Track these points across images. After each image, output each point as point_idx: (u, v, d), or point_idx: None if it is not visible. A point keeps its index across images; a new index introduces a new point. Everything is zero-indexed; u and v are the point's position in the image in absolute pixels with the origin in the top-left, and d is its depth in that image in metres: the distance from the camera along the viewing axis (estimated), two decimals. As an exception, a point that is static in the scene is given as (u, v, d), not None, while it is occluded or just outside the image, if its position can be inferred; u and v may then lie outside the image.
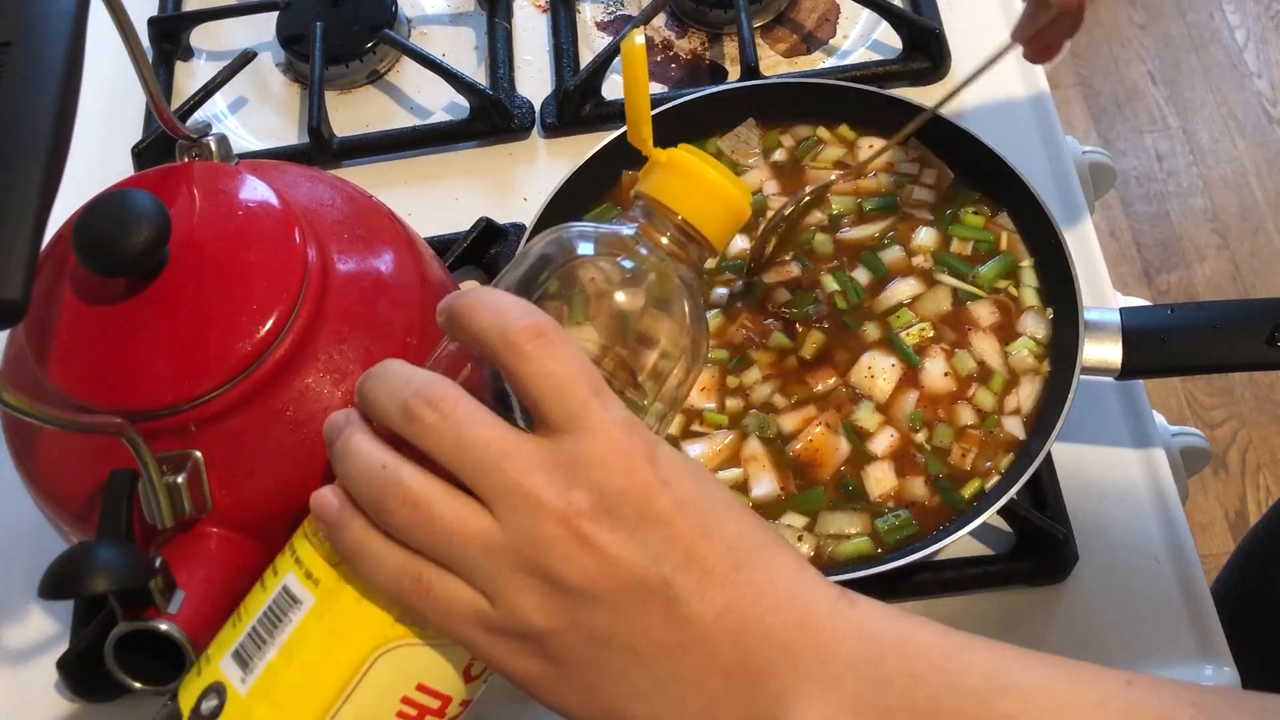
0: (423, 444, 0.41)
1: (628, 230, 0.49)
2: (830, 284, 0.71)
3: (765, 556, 0.42)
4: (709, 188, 0.48)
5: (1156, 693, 0.39)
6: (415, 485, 0.41)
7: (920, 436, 0.67)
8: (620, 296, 0.47)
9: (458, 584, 0.41)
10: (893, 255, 0.73)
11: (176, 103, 0.92)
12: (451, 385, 0.42)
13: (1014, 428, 0.67)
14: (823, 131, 0.78)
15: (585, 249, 0.48)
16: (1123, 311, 0.67)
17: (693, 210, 0.48)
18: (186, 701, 0.45)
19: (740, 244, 0.74)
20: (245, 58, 0.87)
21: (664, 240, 0.49)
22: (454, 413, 0.41)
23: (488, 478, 0.41)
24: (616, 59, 0.87)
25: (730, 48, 0.91)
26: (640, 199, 0.49)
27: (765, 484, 0.66)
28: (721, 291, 0.73)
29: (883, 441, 0.67)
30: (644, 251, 0.48)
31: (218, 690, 0.44)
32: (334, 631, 0.43)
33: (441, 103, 0.92)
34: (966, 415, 0.68)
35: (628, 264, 0.48)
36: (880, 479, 0.66)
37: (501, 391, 0.44)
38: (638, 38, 0.47)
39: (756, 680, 0.40)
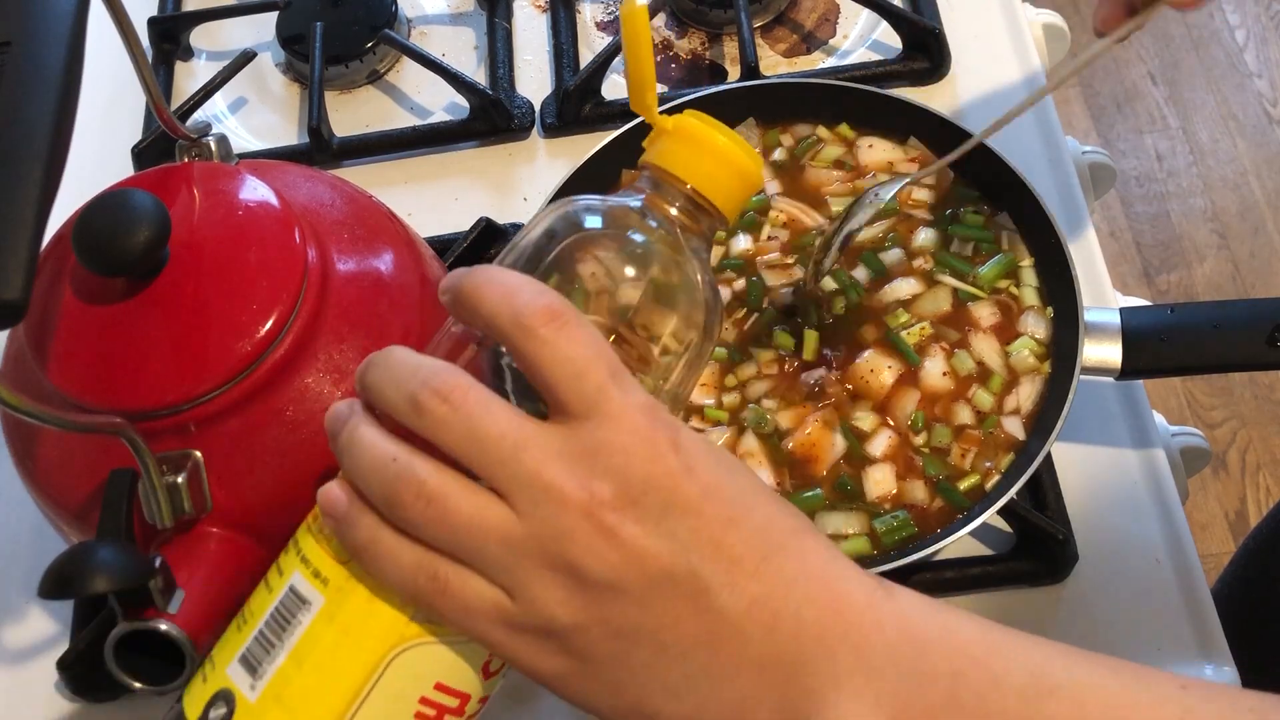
0: (433, 437, 0.39)
1: (635, 202, 0.47)
2: (829, 284, 0.71)
3: (796, 544, 0.40)
4: (719, 154, 0.46)
5: (1214, 698, 0.38)
6: (429, 478, 0.39)
7: (920, 439, 0.67)
8: (630, 272, 0.45)
9: (476, 580, 0.39)
10: (893, 257, 0.73)
11: (176, 103, 0.92)
12: (461, 374, 0.40)
13: (1014, 428, 0.67)
14: (822, 131, 0.78)
15: (592, 223, 0.46)
16: (1123, 311, 0.67)
17: (702, 178, 0.46)
18: (193, 710, 0.43)
19: (743, 244, 0.74)
20: (245, 58, 0.87)
21: (673, 211, 0.46)
22: (465, 404, 0.39)
23: (505, 470, 0.38)
24: (616, 59, 0.88)
25: (730, 48, 0.91)
26: (646, 169, 0.47)
27: (762, 479, 0.66)
28: (723, 291, 0.73)
29: (881, 443, 0.67)
30: (653, 224, 0.46)
31: (226, 698, 0.42)
32: (346, 632, 0.42)
33: (441, 103, 0.92)
34: (965, 415, 0.68)
35: (637, 237, 0.46)
36: (879, 480, 0.66)
37: (505, 372, 0.43)
38: (638, 1, 0.45)
39: (791, 673, 0.38)
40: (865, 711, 0.38)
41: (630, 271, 0.45)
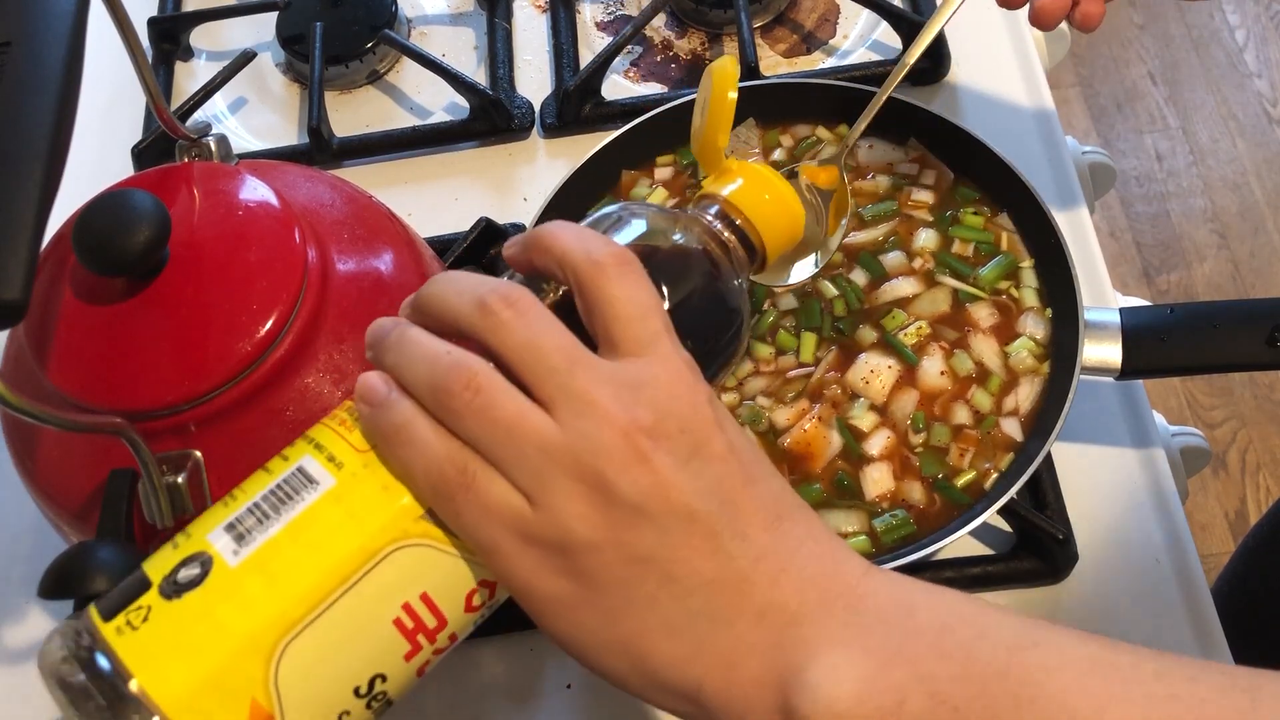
0: (495, 338, 0.41)
1: (699, 217, 0.50)
2: (829, 289, 0.71)
3: (801, 516, 0.42)
4: (777, 198, 0.51)
5: (1188, 662, 0.39)
6: (481, 371, 0.40)
7: (919, 439, 0.67)
8: (688, 273, 0.48)
9: (502, 483, 0.40)
10: (894, 258, 0.73)
11: (176, 103, 0.92)
12: (526, 290, 0.42)
13: (1012, 429, 0.67)
14: (822, 131, 0.78)
15: (659, 217, 0.49)
16: (1123, 311, 0.67)
17: (759, 216, 0.51)
18: (158, 570, 0.42)
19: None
20: (245, 58, 0.87)
21: (726, 234, 0.50)
22: (529, 311, 0.41)
23: (555, 379, 0.40)
24: (616, 59, 0.88)
25: (730, 48, 0.91)
26: (707, 199, 0.51)
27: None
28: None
29: (878, 442, 0.67)
30: (711, 239, 0.50)
31: (202, 560, 0.41)
32: (352, 515, 0.41)
33: (441, 103, 0.92)
34: (964, 415, 0.68)
35: (696, 244, 0.49)
36: (877, 479, 0.66)
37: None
38: (730, 65, 0.51)
39: (788, 624, 0.39)
40: (855, 659, 0.39)
41: (687, 272, 0.48)
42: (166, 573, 0.41)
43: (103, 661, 0.39)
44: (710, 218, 0.51)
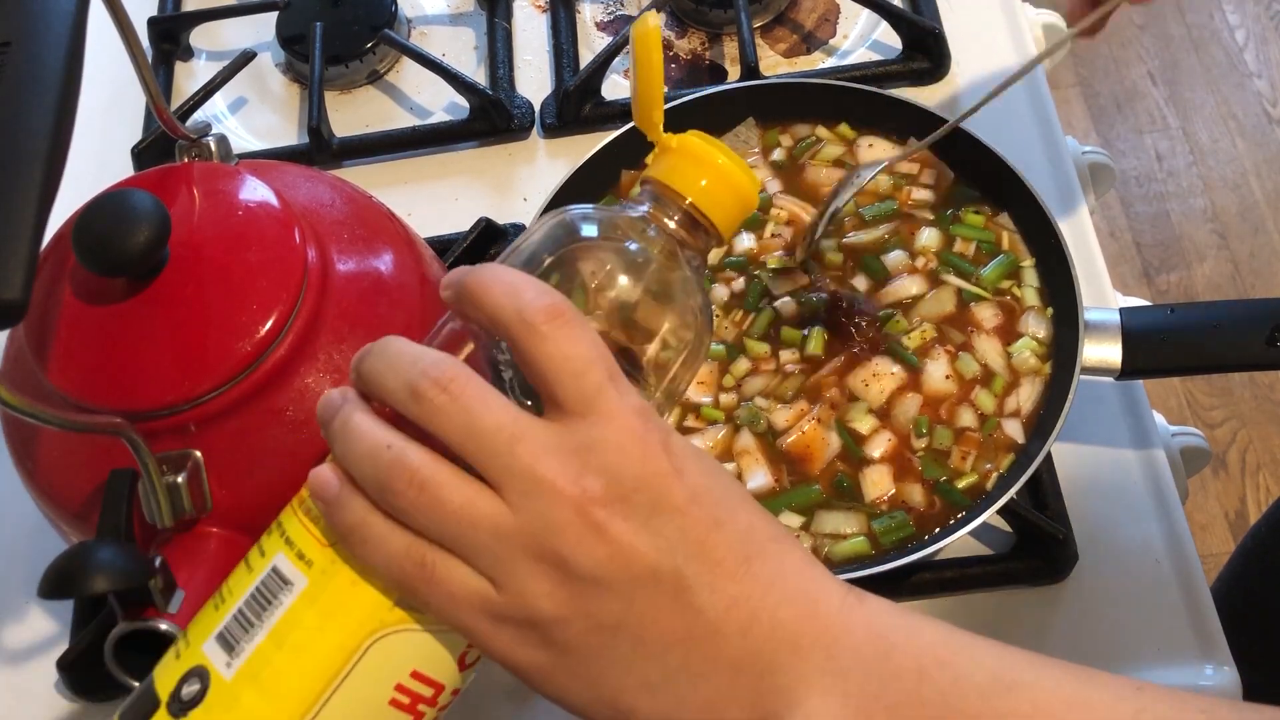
0: (430, 425, 0.40)
1: (635, 213, 0.48)
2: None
3: (775, 550, 0.41)
4: (720, 173, 0.47)
5: (1166, 698, 0.39)
6: (423, 466, 0.40)
7: (921, 443, 0.67)
8: (627, 281, 0.46)
9: (463, 569, 0.40)
10: (896, 257, 0.73)
11: (176, 103, 0.92)
12: (461, 365, 0.41)
13: (1013, 429, 0.67)
14: (822, 130, 0.78)
15: (591, 230, 0.47)
16: (1123, 311, 0.67)
17: (702, 196, 0.47)
18: (165, 685, 0.43)
19: (747, 242, 0.74)
20: (245, 58, 0.87)
21: (671, 225, 0.47)
22: (464, 394, 0.40)
23: (499, 461, 0.39)
24: (616, 59, 0.87)
25: (730, 48, 0.91)
26: (648, 184, 0.48)
27: (759, 477, 0.66)
28: (721, 290, 0.73)
29: (879, 445, 0.67)
30: (652, 235, 0.47)
31: (200, 674, 0.42)
32: (327, 615, 0.42)
33: (441, 103, 0.92)
34: (967, 418, 0.67)
35: (635, 247, 0.47)
36: (876, 481, 0.66)
37: (500, 370, 0.43)
38: (651, 20, 0.46)
39: (764, 672, 0.40)
40: (833, 707, 0.39)
41: (627, 279, 0.46)
42: (171, 689, 0.43)
43: None
44: (655, 209, 0.48)
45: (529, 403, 0.42)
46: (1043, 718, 0.38)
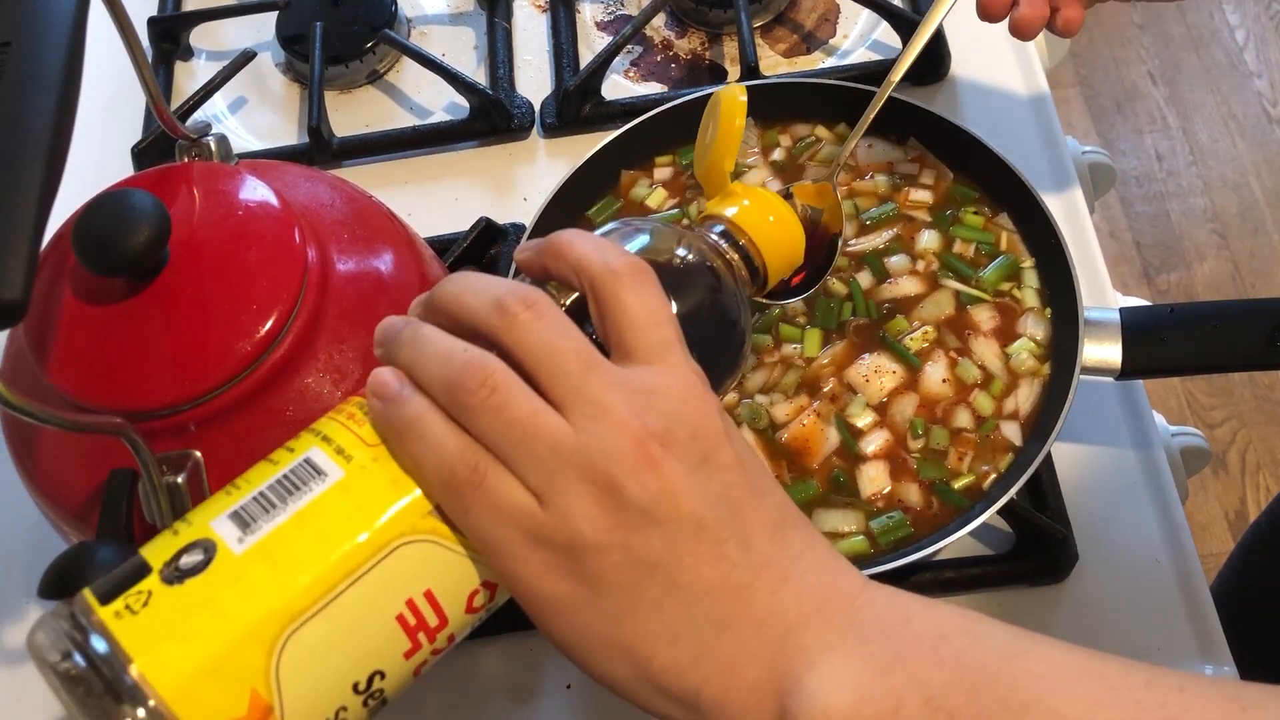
0: (511, 338, 0.41)
1: (709, 236, 0.52)
2: (839, 288, 0.71)
3: (803, 528, 0.43)
4: (780, 221, 0.53)
5: (1175, 672, 0.40)
6: (497, 370, 0.40)
7: (917, 444, 0.67)
8: (695, 288, 0.49)
9: (513, 482, 0.40)
10: (897, 262, 0.72)
11: (176, 103, 0.92)
12: (543, 293, 0.42)
13: (1011, 431, 0.67)
14: (821, 130, 0.78)
15: (667, 233, 0.50)
16: (1123, 311, 0.67)
17: (762, 237, 0.53)
18: (158, 556, 0.41)
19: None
20: (245, 58, 0.87)
21: (735, 256, 0.52)
22: (548, 314, 0.41)
23: (570, 383, 0.40)
24: (616, 59, 0.88)
25: (730, 48, 0.91)
26: (712, 219, 0.53)
27: (767, 473, 0.67)
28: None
29: (875, 441, 0.67)
30: (716, 258, 0.51)
31: (205, 546, 0.41)
32: (359, 507, 0.41)
33: (441, 103, 0.92)
34: (963, 419, 0.67)
35: (704, 260, 0.50)
36: (873, 478, 0.66)
37: None
38: (740, 94, 0.53)
39: (788, 630, 0.40)
40: (852, 666, 0.39)
41: (691, 286, 0.49)
42: (168, 558, 0.41)
43: (99, 645, 0.38)
44: (715, 237, 0.52)
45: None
46: (1059, 676, 0.39)
